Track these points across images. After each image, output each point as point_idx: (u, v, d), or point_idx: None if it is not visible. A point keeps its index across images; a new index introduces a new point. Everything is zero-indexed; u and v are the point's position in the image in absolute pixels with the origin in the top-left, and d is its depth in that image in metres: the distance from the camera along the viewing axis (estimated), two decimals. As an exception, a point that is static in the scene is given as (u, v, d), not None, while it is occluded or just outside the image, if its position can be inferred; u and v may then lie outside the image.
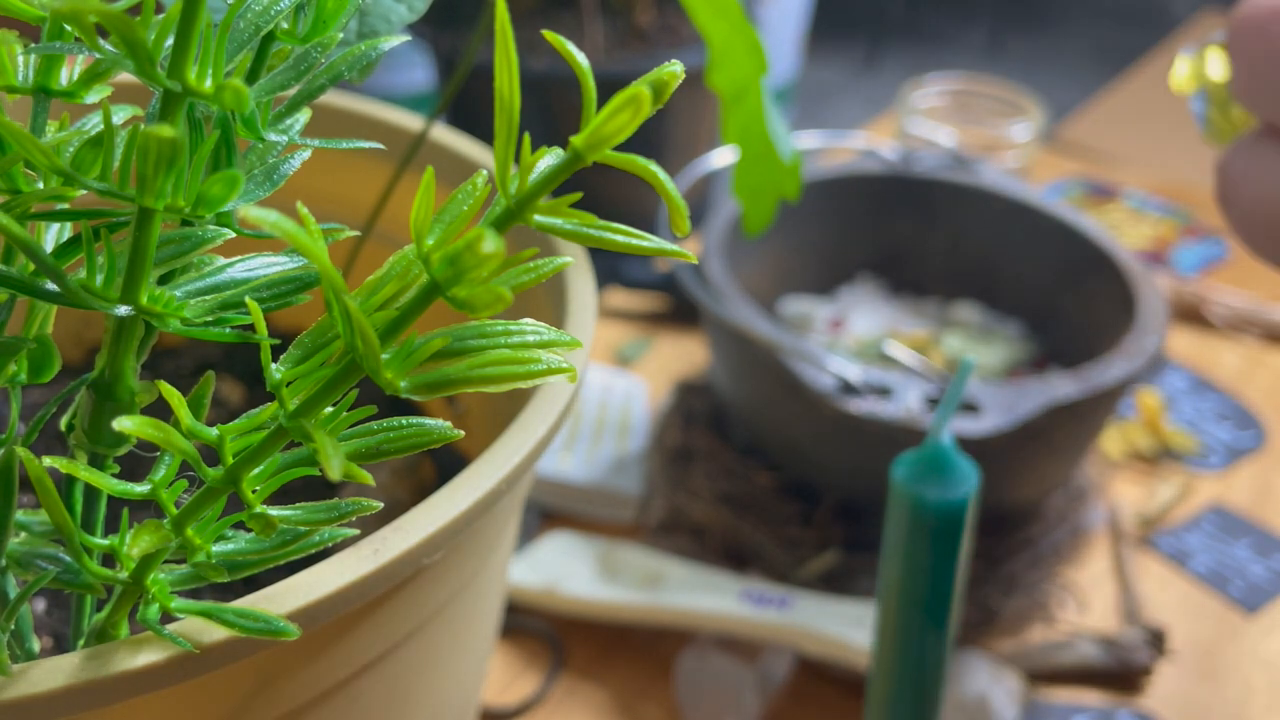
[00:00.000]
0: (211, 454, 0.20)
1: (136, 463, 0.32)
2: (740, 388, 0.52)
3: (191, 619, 0.21)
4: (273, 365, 0.20)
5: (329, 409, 0.20)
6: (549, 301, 0.33)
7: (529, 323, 0.20)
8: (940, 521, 0.31)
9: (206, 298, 0.21)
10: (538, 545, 0.51)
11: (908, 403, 0.44)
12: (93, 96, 0.23)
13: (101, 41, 0.19)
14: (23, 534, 0.23)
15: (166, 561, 0.22)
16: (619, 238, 0.19)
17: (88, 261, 0.20)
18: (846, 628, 0.44)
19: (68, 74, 0.23)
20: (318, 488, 0.34)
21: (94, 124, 0.23)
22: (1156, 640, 0.48)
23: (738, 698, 0.44)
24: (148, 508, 0.33)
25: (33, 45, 0.21)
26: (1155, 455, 0.59)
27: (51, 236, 0.23)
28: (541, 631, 0.48)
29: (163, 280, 0.22)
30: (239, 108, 0.19)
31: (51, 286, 0.20)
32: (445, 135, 0.39)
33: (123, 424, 0.18)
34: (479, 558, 0.29)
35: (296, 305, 0.21)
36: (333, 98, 0.40)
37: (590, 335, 0.31)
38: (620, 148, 0.18)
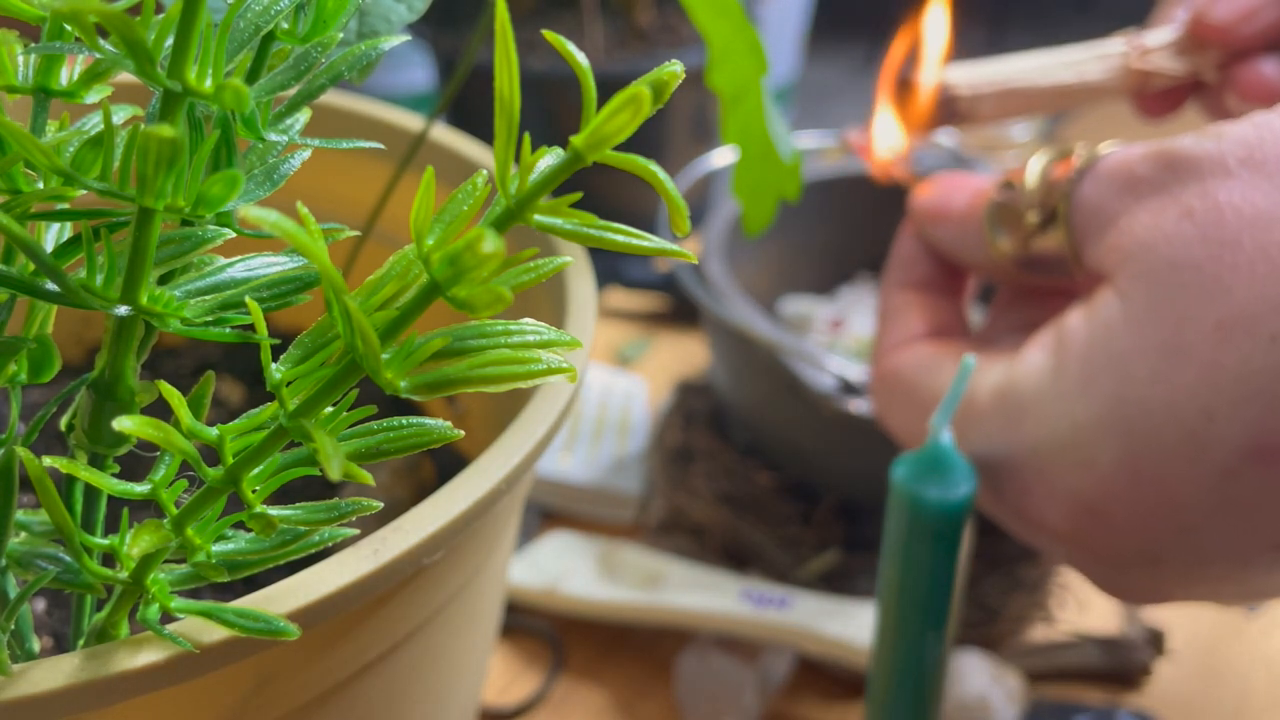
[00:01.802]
0: (211, 454, 0.20)
1: (136, 463, 0.32)
2: (740, 388, 0.52)
3: (191, 619, 0.21)
4: (273, 365, 0.20)
5: (329, 409, 0.20)
6: (549, 301, 0.33)
7: (529, 323, 0.20)
8: (940, 521, 0.31)
9: (206, 298, 0.21)
10: (538, 545, 0.51)
11: (908, 403, 0.44)
12: (93, 96, 0.23)
13: (101, 41, 0.19)
14: (23, 534, 0.23)
15: (166, 561, 0.22)
16: (619, 238, 0.19)
17: (88, 261, 0.20)
18: (846, 628, 0.44)
19: (68, 74, 0.23)
20: (318, 488, 0.34)
21: (94, 124, 0.23)
22: (1156, 640, 0.48)
23: (738, 698, 0.44)
24: (148, 508, 0.33)
25: (33, 45, 0.21)
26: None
27: (51, 236, 0.23)
28: (541, 631, 0.48)
29: (163, 280, 0.22)
30: (239, 108, 0.19)
31: (51, 286, 0.20)
32: (445, 135, 0.39)
33: (123, 424, 0.18)
34: (479, 558, 0.29)
35: (296, 305, 0.21)
36: (333, 98, 0.40)
37: (590, 335, 0.31)
38: (620, 148, 0.18)
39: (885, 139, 0.41)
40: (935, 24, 0.40)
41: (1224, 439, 0.27)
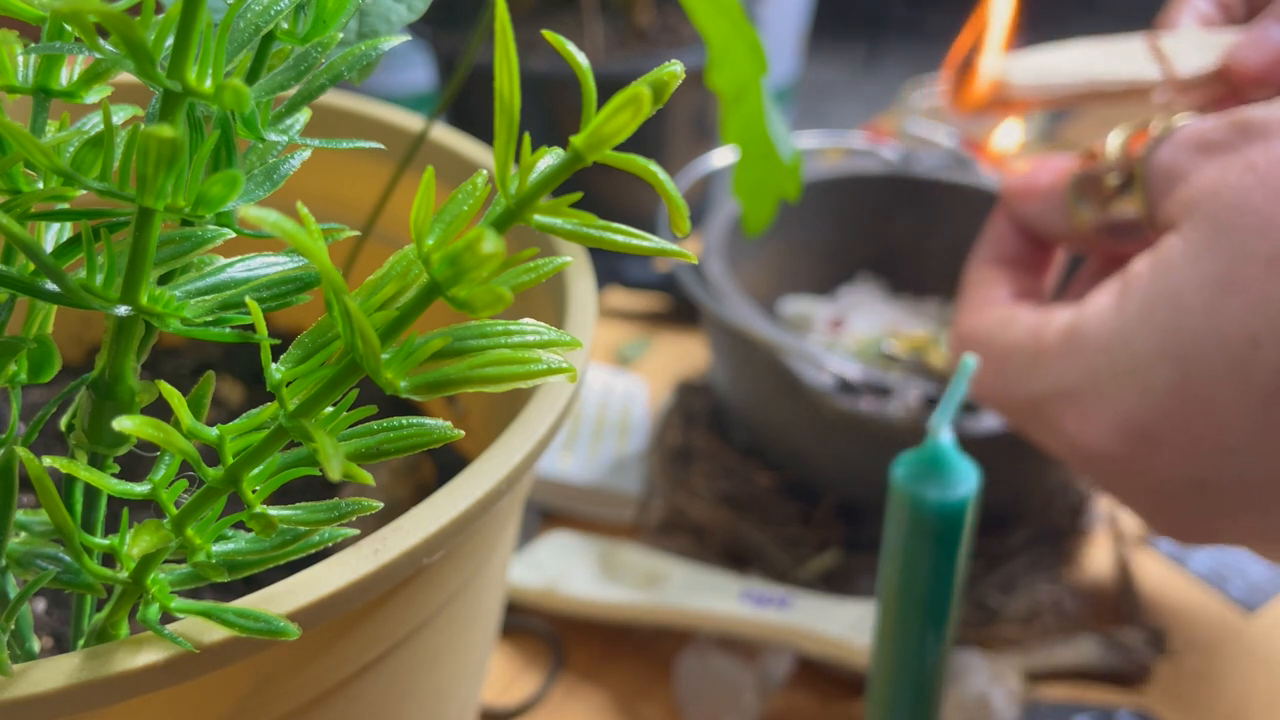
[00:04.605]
0: (211, 454, 0.20)
1: (136, 463, 0.32)
2: (740, 388, 0.52)
3: (191, 619, 0.21)
4: (273, 365, 0.20)
5: (329, 409, 0.20)
6: (549, 301, 0.33)
7: (529, 323, 0.20)
8: (940, 521, 0.31)
9: (206, 298, 0.21)
10: (538, 545, 0.51)
11: (908, 403, 0.44)
12: (93, 96, 0.23)
13: (101, 41, 0.19)
14: (23, 534, 0.23)
15: (166, 561, 0.22)
16: (619, 238, 0.19)
17: (88, 261, 0.20)
18: (846, 628, 0.44)
19: (68, 74, 0.23)
20: (318, 488, 0.34)
21: (94, 124, 0.22)
22: (1156, 640, 0.48)
23: (738, 698, 0.44)
24: (148, 508, 0.33)
25: (33, 45, 0.21)
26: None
27: (51, 236, 0.23)
28: (541, 631, 0.48)
29: (163, 280, 0.22)
30: (239, 108, 0.19)
31: (51, 286, 0.20)
32: (445, 135, 0.39)
33: (123, 424, 0.18)
34: (479, 558, 0.29)
35: (296, 305, 0.21)
36: (333, 98, 0.40)
37: (590, 335, 0.31)
38: (620, 148, 0.18)
39: (987, 64, 0.43)
40: (1000, 13, 0.43)
41: (1268, 364, 0.29)
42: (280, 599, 0.22)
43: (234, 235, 0.22)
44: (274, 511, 0.21)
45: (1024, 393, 0.36)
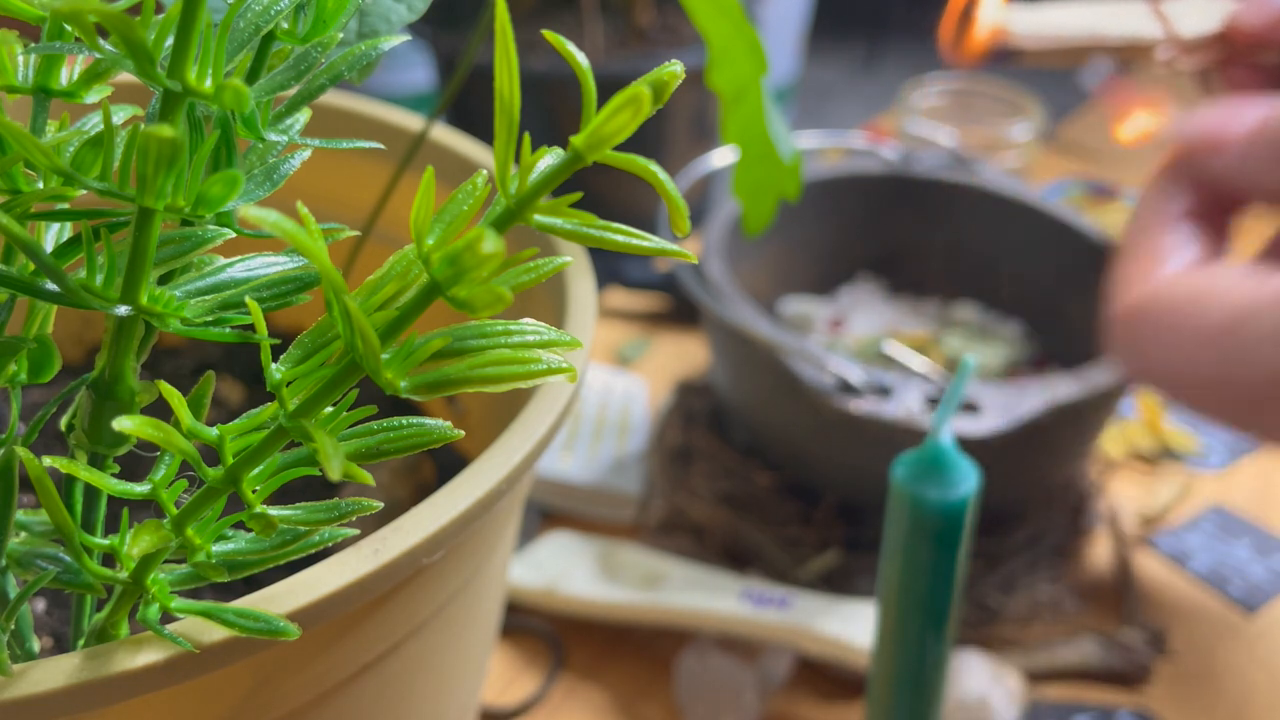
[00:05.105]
0: (211, 454, 0.20)
1: (136, 463, 0.31)
2: (740, 388, 0.52)
3: (191, 619, 0.21)
4: (273, 365, 0.20)
5: (329, 409, 0.20)
6: (549, 301, 0.33)
7: (529, 323, 0.20)
8: (940, 521, 0.31)
9: (206, 298, 0.21)
10: (538, 545, 0.51)
11: (908, 403, 0.44)
12: (93, 96, 0.23)
13: (101, 41, 0.19)
14: (23, 534, 0.23)
15: (166, 561, 0.22)
16: (619, 238, 0.19)
17: (88, 261, 0.20)
18: (846, 628, 0.44)
19: (68, 74, 0.23)
20: (318, 488, 0.34)
21: (94, 124, 0.23)
22: (1156, 640, 0.48)
23: (738, 698, 0.44)
24: (148, 508, 0.33)
25: (33, 45, 0.21)
26: (1155, 455, 0.59)
27: (51, 236, 0.23)
28: (541, 631, 0.48)
29: (163, 280, 0.22)
30: (239, 108, 0.19)
31: (51, 286, 0.20)
32: (445, 135, 0.39)
33: (123, 424, 0.18)
34: (479, 558, 0.29)
35: (296, 305, 0.21)
36: (333, 98, 0.40)
37: (590, 335, 0.31)
38: (620, 148, 0.18)
39: (987, 13, 0.42)
40: None
41: None
42: (280, 599, 0.22)
43: (234, 235, 0.22)
44: (274, 511, 0.21)
45: (1271, 368, 0.29)
